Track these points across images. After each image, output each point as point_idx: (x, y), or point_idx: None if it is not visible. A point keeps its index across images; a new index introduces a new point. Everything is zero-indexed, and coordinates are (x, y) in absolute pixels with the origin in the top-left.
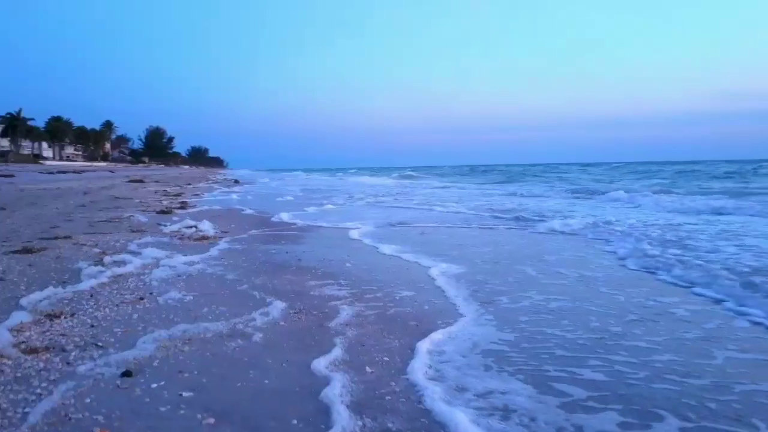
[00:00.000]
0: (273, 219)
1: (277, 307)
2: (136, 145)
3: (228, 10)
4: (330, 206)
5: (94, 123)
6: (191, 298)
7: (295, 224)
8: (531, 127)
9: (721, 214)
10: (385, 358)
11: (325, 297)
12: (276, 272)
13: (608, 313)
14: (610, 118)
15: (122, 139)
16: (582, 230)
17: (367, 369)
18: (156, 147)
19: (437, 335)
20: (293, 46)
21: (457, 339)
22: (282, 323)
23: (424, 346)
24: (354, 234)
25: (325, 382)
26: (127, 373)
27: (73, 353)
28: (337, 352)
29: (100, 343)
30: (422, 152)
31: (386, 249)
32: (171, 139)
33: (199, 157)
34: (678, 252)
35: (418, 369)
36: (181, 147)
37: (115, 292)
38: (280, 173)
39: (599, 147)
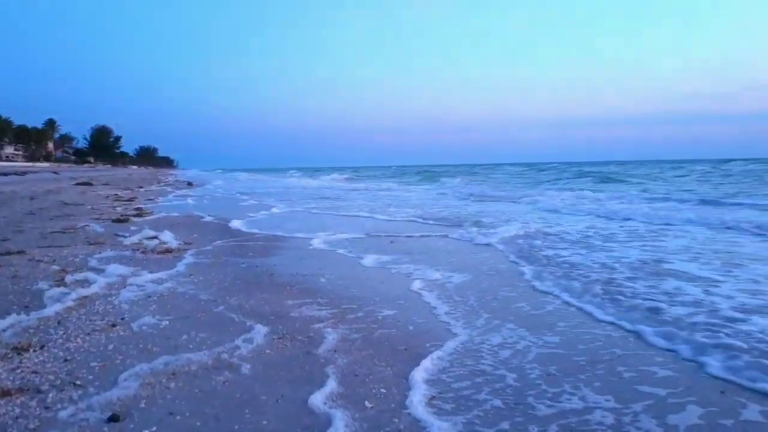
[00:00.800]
0: (234, 227)
1: (260, 332)
2: (81, 144)
3: (179, 6)
4: (277, 210)
5: (35, 122)
6: (167, 323)
7: (258, 234)
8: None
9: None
10: (382, 390)
11: (307, 319)
12: (250, 290)
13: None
14: (552, 120)
15: (66, 139)
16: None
17: (367, 404)
18: (102, 147)
19: (429, 362)
20: (243, 45)
21: (453, 365)
22: (268, 351)
23: (419, 374)
24: (317, 243)
25: (327, 420)
26: (113, 418)
27: (50, 395)
28: (332, 385)
29: (78, 382)
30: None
31: (356, 259)
32: (118, 139)
33: (147, 157)
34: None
35: (418, 402)
36: (128, 147)
37: (84, 317)
38: (230, 173)
39: (544, 146)
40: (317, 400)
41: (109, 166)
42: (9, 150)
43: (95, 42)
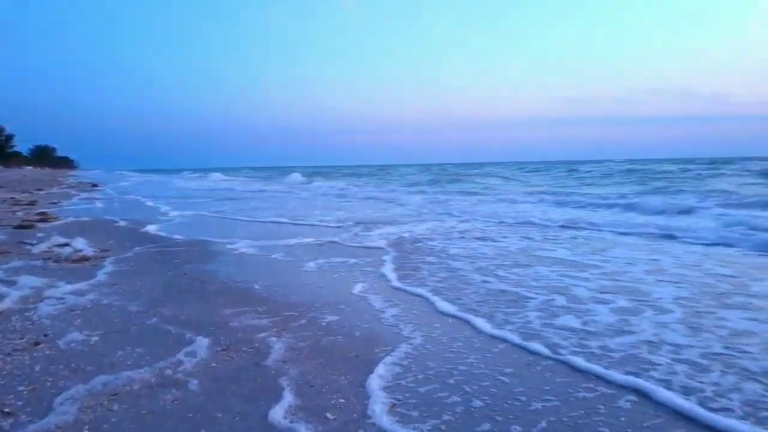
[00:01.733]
0: (152, 232)
1: (201, 344)
2: None
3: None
4: (189, 213)
5: None
6: (97, 338)
7: (180, 239)
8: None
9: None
10: (341, 400)
11: (248, 328)
12: (182, 299)
13: None
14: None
15: None
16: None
17: (328, 416)
18: None
19: (383, 368)
20: (150, 43)
21: (409, 370)
22: (213, 364)
23: (375, 382)
24: (244, 248)
25: None
26: None
27: None
28: (288, 398)
29: (6, 409)
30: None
31: (291, 263)
32: (10, 138)
33: (44, 157)
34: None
35: (381, 411)
36: (22, 146)
37: (1, 336)
38: (139, 174)
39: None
40: (278, 414)
41: (0, 167)
42: None
43: None
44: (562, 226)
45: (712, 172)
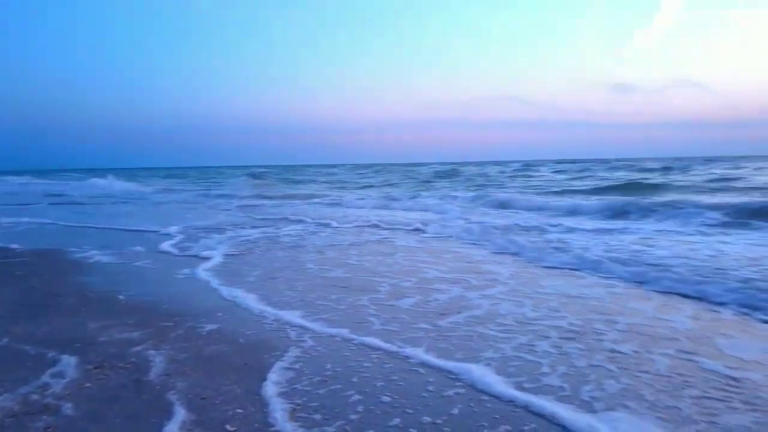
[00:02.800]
0: None
1: (69, 363)
2: None
3: None
4: (30, 219)
5: None
6: None
7: (20, 249)
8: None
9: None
10: (239, 410)
11: (120, 342)
12: (36, 315)
13: None
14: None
15: None
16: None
17: (228, 427)
18: None
19: (276, 375)
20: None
21: (303, 374)
22: (88, 384)
23: (271, 389)
24: (98, 256)
25: None
26: None
27: None
28: (181, 413)
29: None
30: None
31: (154, 271)
32: None
33: None
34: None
35: (283, 418)
36: None
37: None
38: None
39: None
40: None
41: None
42: None
43: None
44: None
45: (524, 173)
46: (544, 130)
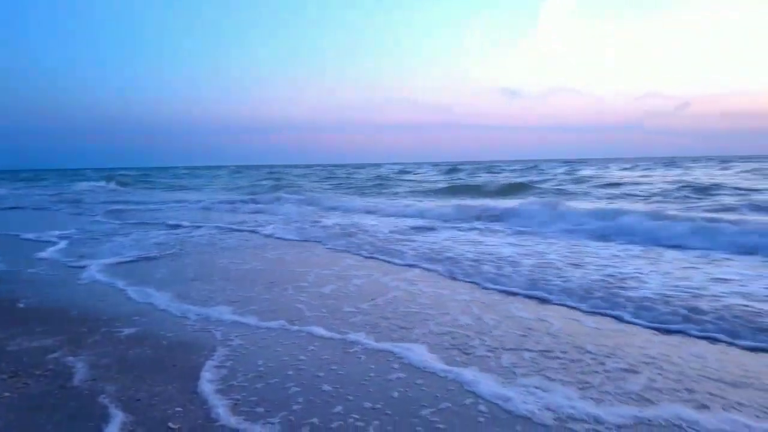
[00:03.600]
0: None
1: None
2: None
3: None
4: None
5: None
6: None
7: None
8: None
9: None
10: (178, 409)
11: (33, 350)
12: None
13: None
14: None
15: None
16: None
17: (171, 425)
18: None
19: (209, 373)
20: None
21: (236, 370)
22: (7, 394)
23: (207, 387)
24: None
25: None
26: None
27: None
28: (119, 415)
29: None
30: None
31: (54, 277)
32: None
33: None
34: None
35: (225, 413)
36: None
37: None
38: None
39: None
40: None
41: None
42: None
43: None
44: None
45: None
46: (434, 131)
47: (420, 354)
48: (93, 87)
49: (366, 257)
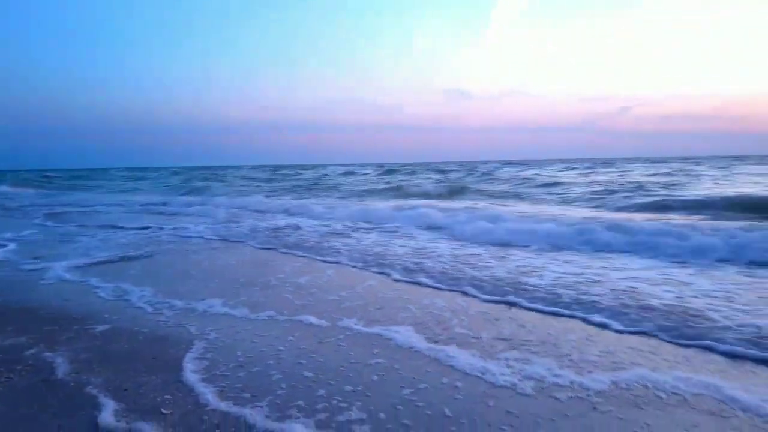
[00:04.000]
0: None
1: None
2: None
3: None
4: None
5: None
6: None
7: None
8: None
9: None
10: (167, 396)
11: (8, 347)
12: None
13: None
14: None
15: None
16: None
17: (164, 411)
18: None
19: (191, 365)
20: None
21: (217, 362)
22: None
23: (191, 377)
24: None
25: None
26: None
27: None
28: (109, 404)
29: None
30: None
31: (14, 277)
32: None
33: None
34: None
35: (215, 399)
36: None
37: None
38: None
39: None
40: (109, 419)
41: None
42: None
43: None
44: None
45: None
46: (385, 132)
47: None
48: None
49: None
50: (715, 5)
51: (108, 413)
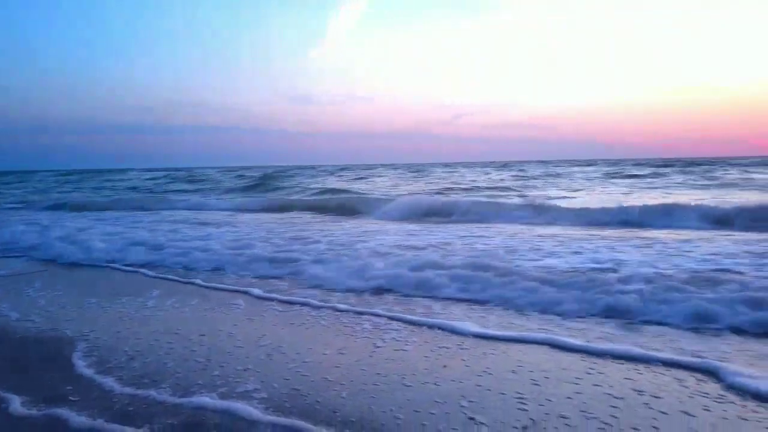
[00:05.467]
0: None
1: None
2: None
3: None
4: None
5: None
6: None
7: None
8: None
9: None
10: (68, 387)
11: None
12: None
13: None
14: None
15: None
16: None
17: (71, 398)
18: None
19: (82, 362)
20: None
21: (106, 358)
22: None
23: (85, 371)
24: None
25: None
26: None
27: None
28: (15, 399)
29: None
30: None
31: None
32: None
33: None
34: None
35: (115, 385)
36: None
37: None
38: None
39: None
40: (20, 409)
41: None
42: None
43: None
44: None
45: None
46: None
47: None
48: None
49: None
50: (537, 25)
51: (16, 405)
